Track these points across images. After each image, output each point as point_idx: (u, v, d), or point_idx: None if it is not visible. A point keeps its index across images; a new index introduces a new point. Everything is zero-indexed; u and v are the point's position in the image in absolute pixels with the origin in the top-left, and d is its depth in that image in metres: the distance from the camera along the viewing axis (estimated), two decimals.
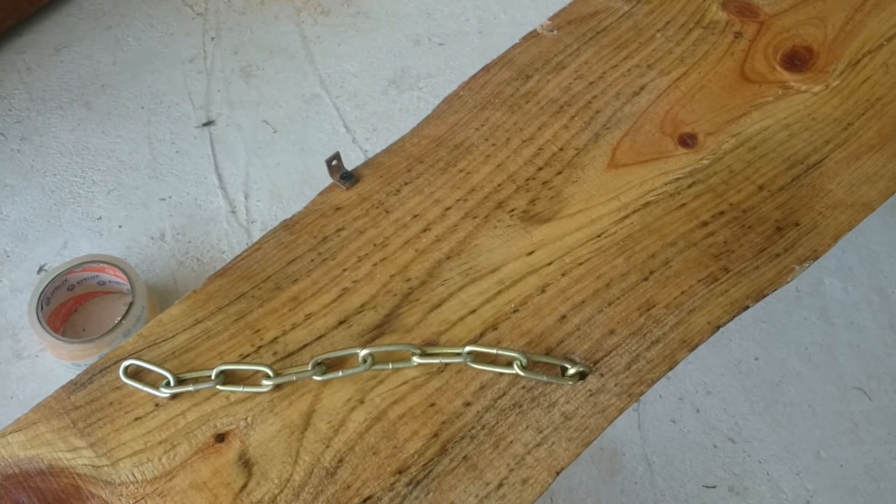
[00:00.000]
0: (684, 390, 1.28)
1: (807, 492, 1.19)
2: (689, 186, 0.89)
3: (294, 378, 0.78)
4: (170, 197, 1.48)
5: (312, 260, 0.86)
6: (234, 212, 1.45)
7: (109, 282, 1.32)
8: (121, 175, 1.51)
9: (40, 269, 1.39)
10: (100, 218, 1.45)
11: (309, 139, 1.54)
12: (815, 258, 0.84)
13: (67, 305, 1.32)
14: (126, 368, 0.79)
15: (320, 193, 0.92)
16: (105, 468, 0.74)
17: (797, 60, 0.98)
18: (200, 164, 1.53)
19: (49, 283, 1.26)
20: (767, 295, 0.82)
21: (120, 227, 1.44)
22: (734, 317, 0.81)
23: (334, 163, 0.92)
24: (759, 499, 1.19)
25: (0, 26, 1.68)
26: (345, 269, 0.86)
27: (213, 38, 1.72)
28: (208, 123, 1.58)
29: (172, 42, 1.72)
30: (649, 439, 1.23)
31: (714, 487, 1.19)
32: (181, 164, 1.52)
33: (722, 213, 0.87)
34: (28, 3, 1.69)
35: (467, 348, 0.78)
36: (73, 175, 1.51)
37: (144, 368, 0.79)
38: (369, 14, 1.77)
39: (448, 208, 0.89)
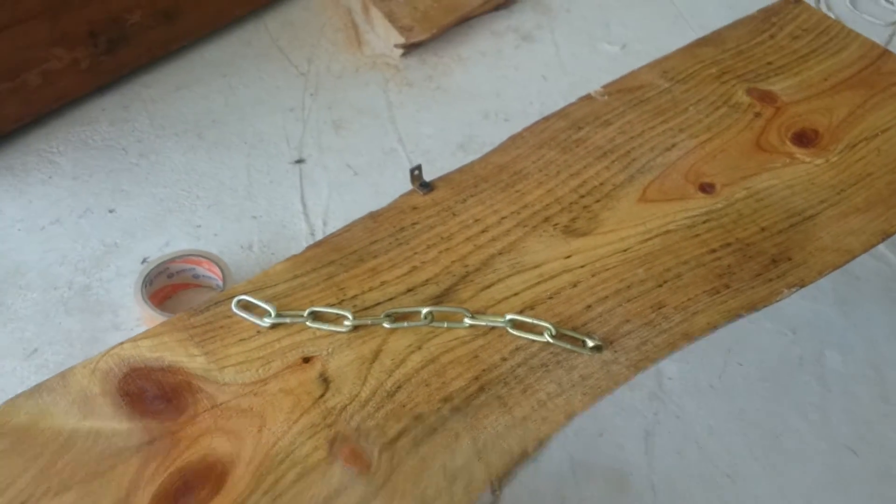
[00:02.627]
0: (691, 429, 1.43)
1: None
2: (704, 222, 1.08)
3: (369, 322, 0.97)
4: (260, 216, 1.71)
5: (390, 243, 1.07)
6: (312, 234, 1.68)
7: (203, 276, 1.54)
8: (221, 194, 1.75)
9: (143, 260, 1.62)
10: (199, 226, 1.69)
11: (383, 183, 1.78)
12: (802, 286, 1.01)
13: (165, 291, 1.54)
14: (238, 302, 0.99)
15: (402, 195, 1.14)
16: (213, 371, 0.94)
17: (804, 139, 1.19)
18: (289, 194, 1.76)
19: (153, 267, 1.49)
20: (759, 309, 1.00)
21: (215, 235, 1.67)
22: (729, 322, 0.99)
23: (416, 173, 1.14)
24: None
25: (134, 64, 1.97)
26: (415, 253, 1.06)
27: (311, 94, 2.00)
28: (300, 161, 1.83)
29: (277, 93, 1.99)
30: (656, 467, 1.38)
31: None
32: (273, 191, 1.77)
33: (729, 244, 1.06)
34: (161, 46, 2.00)
35: (508, 316, 0.97)
36: (181, 189, 1.76)
37: (252, 303, 0.99)
38: (447, 90, 2.03)
39: (504, 217, 1.10)
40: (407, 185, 1.14)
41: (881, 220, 1.09)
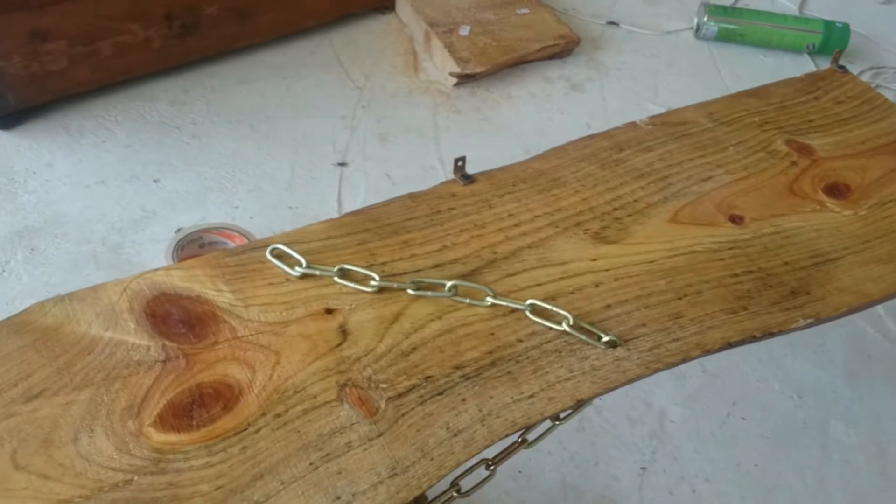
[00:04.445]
0: (687, 472, 1.43)
1: None
2: (730, 249, 1.11)
3: (395, 286, 1.00)
4: (296, 208, 1.76)
5: (425, 222, 1.11)
6: None
7: None
8: (262, 182, 1.81)
9: (178, 230, 1.66)
10: (237, 207, 1.74)
11: None
12: (817, 320, 1.03)
13: None
14: (272, 250, 1.03)
15: (442, 182, 1.18)
16: (239, 307, 0.97)
17: (836, 191, 1.22)
18: (327, 192, 1.82)
19: (187, 234, 1.53)
20: (774, 334, 1.02)
21: (251, 217, 1.72)
22: (743, 342, 1.00)
23: (460, 164, 1.18)
24: None
25: (202, 52, 2.06)
26: (448, 234, 1.09)
27: (363, 107, 2.07)
28: (342, 164, 1.89)
29: (331, 101, 2.07)
30: (645, 502, 1.38)
31: None
32: (313, 187, 1.82)
33: (751, 271, 1.08)
34: (230, 41, 2.08)
35: (530, 301, 0.99)
36: (225, 172, 1.81)
37: (285, 253, 1.03)
38: (493, 122, 2.09)
39: (537, 216, 1.14)
40: None
41: None
